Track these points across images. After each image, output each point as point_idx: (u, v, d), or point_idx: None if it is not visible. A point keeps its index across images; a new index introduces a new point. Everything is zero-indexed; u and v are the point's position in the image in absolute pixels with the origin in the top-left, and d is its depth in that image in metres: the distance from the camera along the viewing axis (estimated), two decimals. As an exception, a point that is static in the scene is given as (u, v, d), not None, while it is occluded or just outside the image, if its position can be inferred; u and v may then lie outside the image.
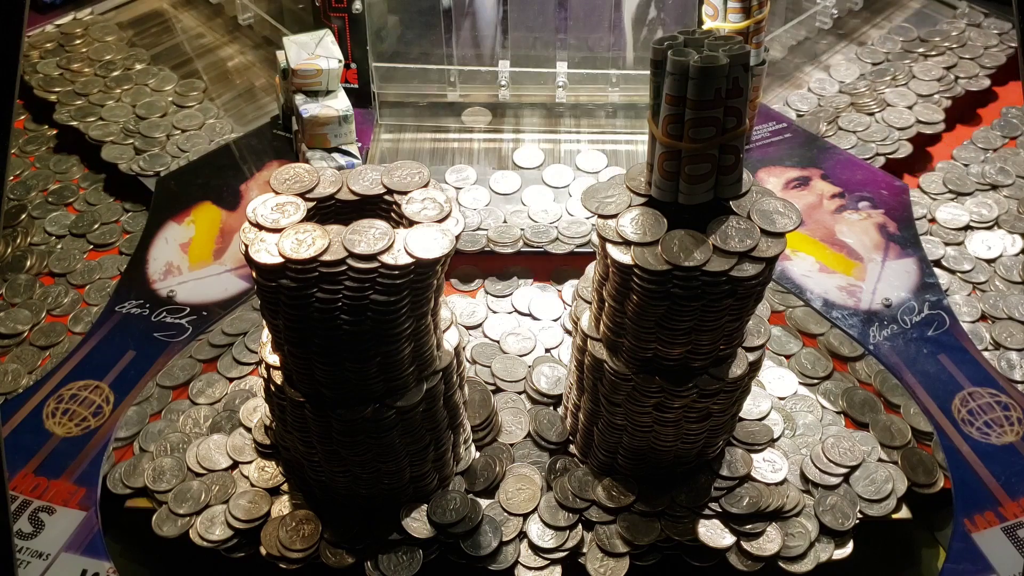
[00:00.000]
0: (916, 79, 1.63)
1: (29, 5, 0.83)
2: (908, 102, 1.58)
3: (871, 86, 1.62)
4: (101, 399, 1.17)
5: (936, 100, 1.58)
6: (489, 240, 1.35)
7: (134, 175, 1.48)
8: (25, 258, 1.39)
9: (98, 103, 1.60)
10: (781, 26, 1.64)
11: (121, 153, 1.51)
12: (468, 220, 1.38)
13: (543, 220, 1.38)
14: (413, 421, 1.00)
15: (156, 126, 1.56)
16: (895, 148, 1.50)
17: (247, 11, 1.72)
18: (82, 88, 1.63)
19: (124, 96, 1.62)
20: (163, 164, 1.49)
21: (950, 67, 1.65)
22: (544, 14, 1.53)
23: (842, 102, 1.59)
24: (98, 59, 1.69)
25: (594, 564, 1.04)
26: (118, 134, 1.54)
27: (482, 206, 1.41)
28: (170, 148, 1.52)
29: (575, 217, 1.38)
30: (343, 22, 1.48)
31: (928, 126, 1.54)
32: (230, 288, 1.30)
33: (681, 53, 0.84)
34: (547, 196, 1.43)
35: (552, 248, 1.35)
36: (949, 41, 1.70)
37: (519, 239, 1.35)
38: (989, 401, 1.16)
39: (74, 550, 1.03)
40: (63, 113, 1.59)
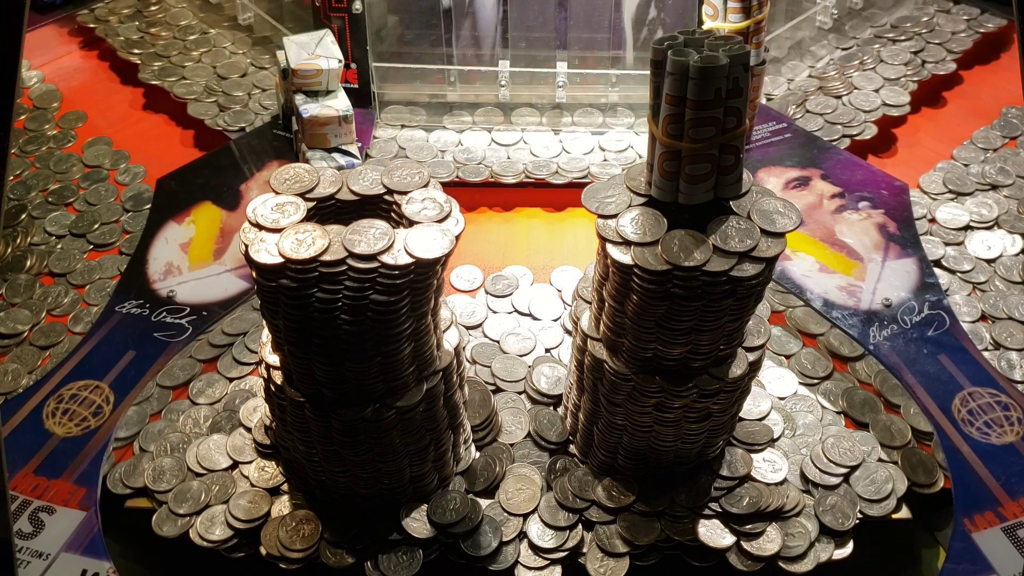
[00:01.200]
0: (884, 63, 1.66)
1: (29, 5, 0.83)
2: (875, 85, 1.61)
3: (840, 70, 1.64)
4: (101, 399, 1.17)
5: (903, 83, 1.61)
6: (492, 173, 1.44)
7: (220, 130, 1.55)
8: (25, 258, 1.39)
9: (179, 64, 1.68)
10: (781, 26, 1.64)
11: (207, 110, 1.59)
12: (472, 154, 1.49)
13: (544, 155, 1.49)
14: (413, 421, 1.00)
15: (237, 85, 1.64)
16: (860, 130, 1.53)
17: (247, 11, 1.72)
18: (163, 50, 1.71)
19: (203, 57, 1.69)
20: (247, 120, 1.57)
21: (917, 52, 1.68)
22: (544, 14, 1.53)
23: (811, 86, 1.62)
24: (175, 23, 1.78)
25: (594, 564, 1.04)
26: (201, 93, 1.61)
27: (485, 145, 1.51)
28: (252, 105, 1.60)
29: (573, 154, 1.49)
30: (343, 22, 1.48)
31: (894, 108, 1.57)
32: (230, 288, 1.30)
33: (681, 53, 0.84)
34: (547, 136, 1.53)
35: (553, 179, 1.44)
36: (918, 27, 1.72)
37: (521, 172, 1.45)
38: (989, 401, 1.16)
39: (74, 550, 1.03)
40: (146, 73, 1.66)
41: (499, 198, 1.46)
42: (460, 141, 1.52)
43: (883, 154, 1.53)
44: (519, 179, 1.45)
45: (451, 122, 1.56)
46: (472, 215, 1.43)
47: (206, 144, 1.55)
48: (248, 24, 1.74)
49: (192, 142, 1.57)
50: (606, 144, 1.51)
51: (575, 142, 1.51)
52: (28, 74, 1.70)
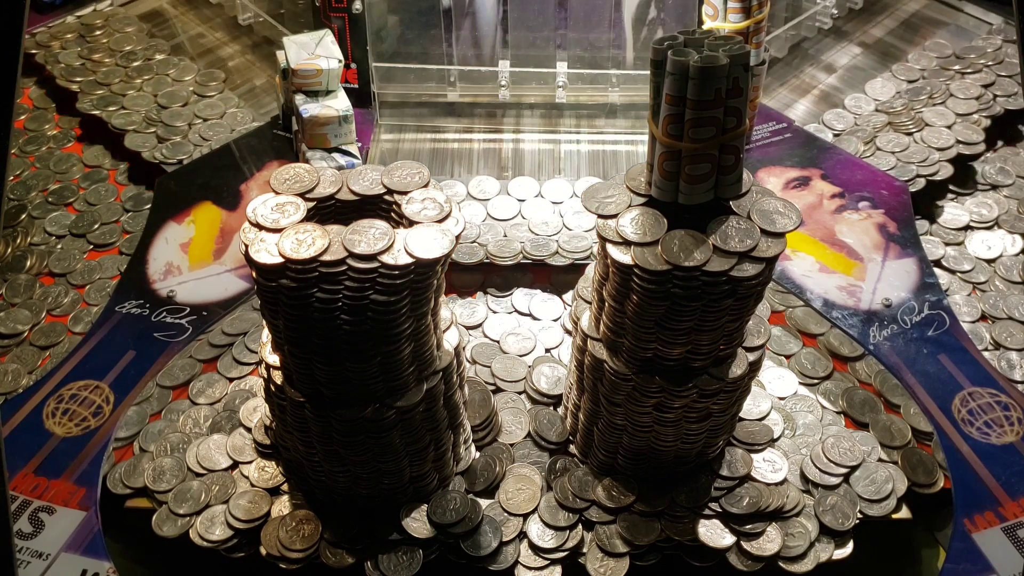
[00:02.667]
0: (953, 97, 1.58)
1: (29, 5, 0.83)
2: (947, 121, 1.53)
3: (908, 105, 1.58)
4: (101, 399, 1.17)
5: (975, 119, 1.54)
6: (488, 254, 1.33)
7: (157, 163, 1.49)
8: (25, 258, 1.39)
9: (120, 92, 1.63)
10: (781, 26, 1.64)
11: (144, 141, 1.54)
12: (466, 232, 1.32)
13: (543, 232, 1.36)
14: (413, 421, 1.00)
15: (178, 115, 1.58)
16: (936, 170, 1.45)
17: (247, 11, 1.72)
18: (104, 78, 1.66)
19: (145, 86, 1.64)
20: (185, 152, 1.51)
21: (988, 85, 1.60)
22: (544, 14, 1.53)
23: (879, 121, 1.56)
24: (119, 49, 1.72)
25: (594, 564, 1.04)
26: (140, 123, 1.57)
27: (480, 221, 1.39)
28: (192, 137, 1.54)
29: (575, 231, 1.37)
30: (343, 22, 1.48)
31: (968, 146, 1.49)
32: (230, 288, 1.30)
33: (681, 53, 0.84)
34: (547, 208, 1.41)
35: (552, 261, 1.33)
36: (985, 58, 1.65)
37: (519, 253, 1.34)
38: (989, 401, 1.16)
39: (74, 550, 1.03)
40: (85, 102, 1.61)
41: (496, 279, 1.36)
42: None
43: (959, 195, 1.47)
44: (516, 260, 1.33)
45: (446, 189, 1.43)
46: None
47: (140, 178, 1.50)
48: (248, 24, 1.74)
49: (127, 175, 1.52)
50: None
51: (576, 218, 1.38)
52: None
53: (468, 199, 1.42)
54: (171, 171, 1.47)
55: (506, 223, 1.39)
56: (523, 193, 1.43)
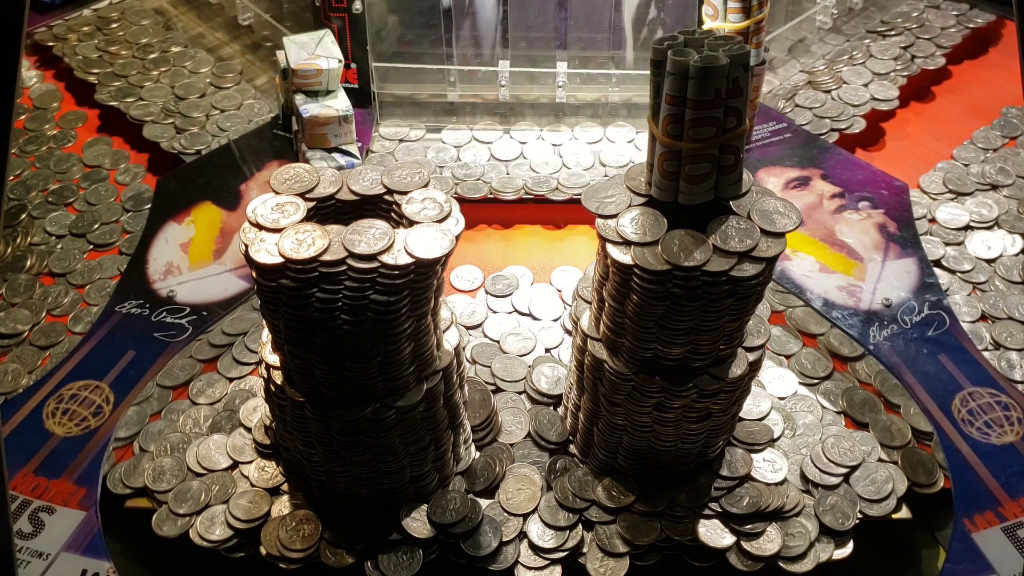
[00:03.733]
0: (873, 58, 1.66)
1: (29, 5, 0.83)
2: (864, 80, 1.61)
3: (829, 65, 1.65)
4: (101, 399, 1.17)
5: (892, 78, 1.61)
6: (492, 189, 1.42)
7: (176, 153, 1.51)
8: (25, 258, 1.39)
9: (137, 84, 1.64)
10: (781, 26, 1.64)
11: (162, 132, 1.55)
12: (470, 171, 1.46)
13: (543, 171, 1.46)
14: (413, 421, 1.00)
15: (195, 106, 1.60)
16: (849, 124, 1.53)
17: (247, 11, 1.72)
18: (121, 70, 1.67)
19: (162, 77, 1.66)
20: (204, 143, 1.53)
21: (907, 47, 1.68)
22: (544, 14, 1.53)
23: (801, 81, 1.63)
24: (135, 42, 1.73)
25: (594, 564, 1.04)
26: (158, 114, 1.58)
27: (484, 161, 1.49)
28: (210, 127, 1.56)
29: (573, 170, 1.47)
30: (343, 22, 1.48)
31: (883, 103, 1.57)
32: (230, 288, 1.30)
33: (681, 53, 0.84)
34: (547, 150, 1.51)
35: (553, 196, 1.42)
36: (908, 22, 1.73)
37: (521, 188, 1.43)
38: (989, 401, 1.16)
39: (74, 550, 1.03)
40: (103, 94, 1.62)
41: (498, 215, 1.45)
42: (459, 157, 1.50)
43: (874, 148, 1.54)
44: (518, 195, 1.43)
45: (449, 136, 1.54)
46: (471, 232, 1.42)
47: (160, 168, 1.52)
48: (248, 24, 1.74)
49: (147, 165, 1.54)
50: (606, 159, 1.49)
51: (575, 157, 1.49)
52: (28, 74, 1.70)
53: (472, 142, 1.53)
54: (172, 171, 1.47)
55: (509, 163, 1.49)
56: (525, 137, 1.54)
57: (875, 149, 1.54)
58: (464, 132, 1.55)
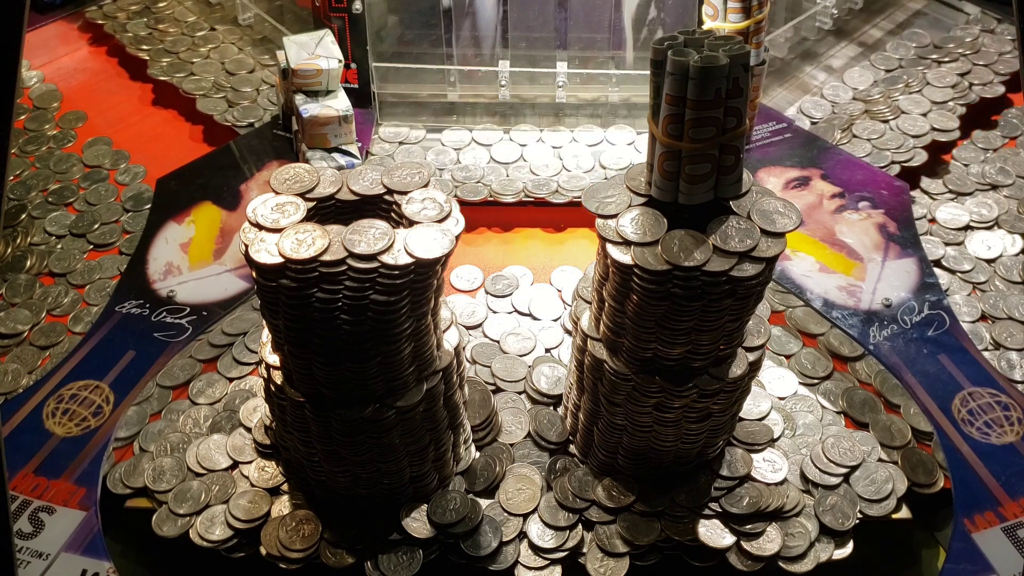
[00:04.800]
0: (930, 86, 1.60)
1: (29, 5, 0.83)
2: (922, 109, 1.56)
3: (885, 93, 1.60)
4: (101, 399, 1.17)
5: (951, 107, 1.56)
6: (492, 192, 1.42)
7: (229, 125, 1.55)
8: (25, 258, 1.39)
9: (187, 60, 1.69)
10: (781, 26, 1.64)
11: (215, 106, 1.59)
12: (470, 173, 1.46)
13: (543, 174, 1.46)
14: (413, 421, 1.00)
15: (246, 81, 1.64)
16: (910, 156, 1.48)
17: (247, 11, 1.72)
18: (171, 46, 1.72)
19: (212, 54, 1.70)
20: (256, 116, 1.57)
21: (964, 74, 1.62)
22: (544, 14, 1.53)
23: (856, 109, 1.58)
24: (183, 20, 1.78)
25: (594, 564, 1.04)
26: (210, 88, 1.62)
27: (484, 163, 1.49)
28: (261, 101, 1.60)
29: (573, 172, 1.46)
30: (343, 22, 1.48)
31: (943, 133, 1.52)
32: (230, 288, 1.30)
33: (681, 53, 0.84)
34: (547, 152, 1.51)
35: (553, 199, 1.42)
36: (963, 47, 1.68)
37: (521, 191, 1.43)
38: (989, 401, 1.16)
39: (74, 550, 1.03)
40: (155, 69, 1.67)
41: (498, 217, 1.44)
42: (458, 159, 1.50)
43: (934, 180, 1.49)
44: (518, 198, 1.42)
45: (449, 139, 1.54)
46: (471, 235, 1.41)
47: (215, 140, 1.56)
48: (248, 24, 1.74)
49: (201, 138, 1.58)
50: (606, 162, 1.48)
51: (575, 160, 1.48)
52: (28, 74, 1.70)
53: (472, 144, 1.52)
54: (172, 171, 1.47)
55: (509, 165, 1.49)
56: (524, 139, 1.54)
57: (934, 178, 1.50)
58: (464, 134, 1.54)
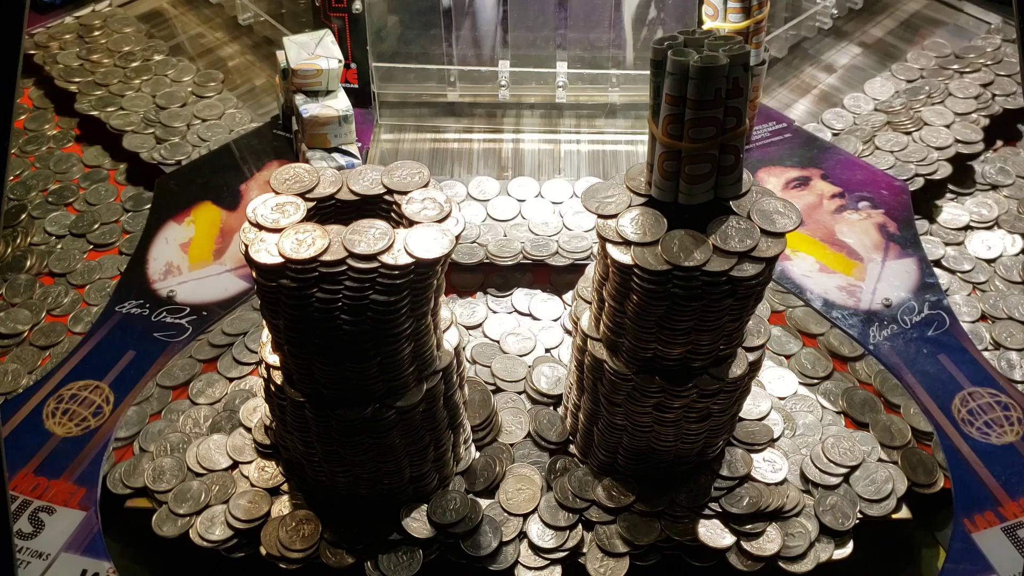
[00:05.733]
0: (952, 97, 1.58)
1: (29, 5, 0.83)
2: (945, 121, 1.53)
3: (907, 104, 1.57)
4: (101, 399, 1.17)
5: (974, 119, 1.53)
6: (488, 254, 1.33)
7: (155, 164, 1.49)
8: (25, 258, 1.39)
9: (118, 93, 1.62)
10: (781, 26, 1.64)
11: (142, 142, 1.53)
12: (466, 232, 1.33)
13: (543, 232, 1.36)
14: (413, 421, 1.00)
15: (176, 116, 1.58)
16: (934, 169, 1.45)
17: (247, 11, 1.72)
18: (102, 78, 1.65)
19: (144, 86, 1.64)
20: (184, 153, 1.51)
21: (986, 84, 1.60)
22: (544, 14, 1.53)
23: (878, 120, 1.55)
24: (117, 50, 1.71)
25: (594, 564, 1.04)
26: (139, 124, 1.56)
27: (480, 221, 1.39)
28: (190, 137, 1.54)
29: (575, 231, 1.37)
30: (343, 22, 1.48)
31: (967, 145, 1.49)
32: (230, 288, 1.30)
33: (681, 53, 0.84)
34: (547, 209, 1.41)
35: (552, 261, 1.33)
36: (984, 58, 1.65)
37: (519, 253, 1.33)
38: (989, 401, 1.16)
39: (74, 550, 1.03)
40: (84, 103, 1.60)
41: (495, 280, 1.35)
42: None
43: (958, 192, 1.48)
44: (516, 260, 1.33)
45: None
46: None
47: (139, 179, 1.51)
48: (248, 24, 1.74)
49: (124, 176, 1.52)
50: None
51: (576, 218, 1.37)
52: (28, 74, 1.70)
53: (468, 199, 1.42)
54: (171, 171, 1.47)
55: (506, 223, 1.39)
56: (523, 194, 1.43)
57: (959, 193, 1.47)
58: (459, 188, 1.44)
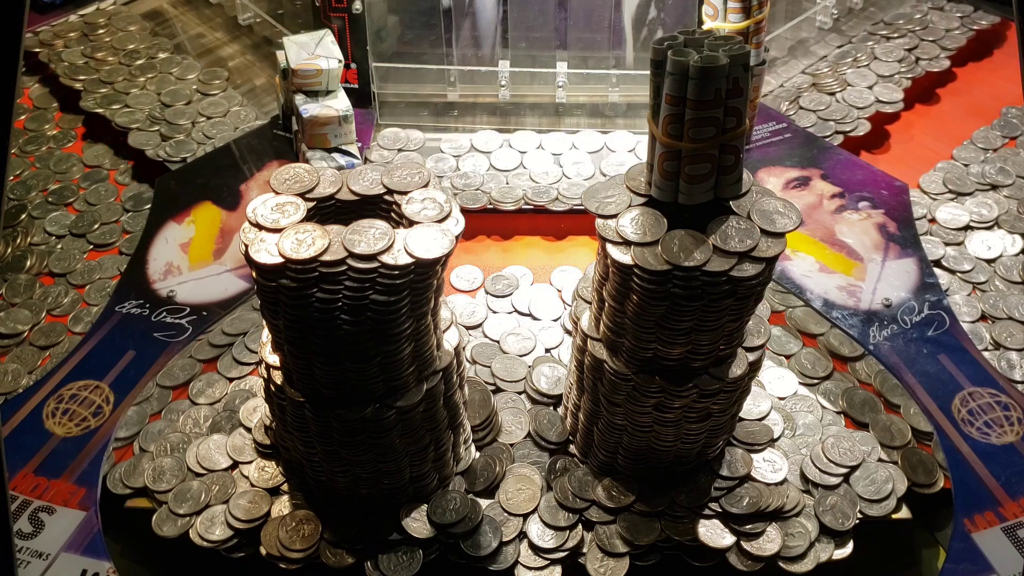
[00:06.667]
0: (878, 60, 1.65)
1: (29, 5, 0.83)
2: (869, 82, 1.61)
3: (833, 67, 1.64)
4: (101, 399, 1.17)
5: (896, 80, 1.61)
6: (491, 199, 1.41)
7: (160, 161, 1.50)
8: (25, 258, 1.39)
9: (123, 91, 1.63)
10: (781, 26, 1.64)
11: (148, 140, 1.54)
12: (469, 180, 1.45)
13: (543, 181, 1.45)
14: (413, 421, 1.00)
15: (181, 113, 1.59)
16: (854, 127, 1.53)
17: (247, 11, 1.72)
18: (107, 76, 1.66)
19: (149, 84, 1.65)
20: (189, 151, 1.51)
21: (911, 49, 1.68)
22: (544, 14, 1.53)
23: (805, 83, 1.63)
24: (122, 48, 1.72)
25: (594, 564, 1.04)
26: (144, 121, 1.57)
27: (483, 171, 1.48)
28: (195, 135, 1.55)
29: (573, 180, 1.45)
30: (343, 22, 1.48)
31: (887, 105, 1.57)
32: (230, 288, 1.30)
33: (681, 53, 0.84)
34: (547, 159, 1.49)
35: (553, 206, 1.41)
36: (912, 24, 1.73)
37: (521, 199, 1.41)
38: (989, 401, 1.16)
39: (74, 550, 1.03)
40: (89, 100, 1.61)
41: (498, 225, 1.43)
42: (458, 166, 1.48)
43: (878, 151, 1.54)
44: (518, 205, 1.41)
45: (448, 146, 1.52)
46: (470, 243, 1.40)
47: (144, 175, 1.51)
48: (248, 24, 1.74)
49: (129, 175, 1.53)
50: (607, 168, 1.47)
51: (575, 167, 1.47)
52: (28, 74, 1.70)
53: (472, 151, 1.51)
54: (171, 171, 1.47)
55: (508, 173, 1.48)
56: (524, 146, 1.52)
57: (878, 151, 1.54)
58: (463, 140, 1.53)
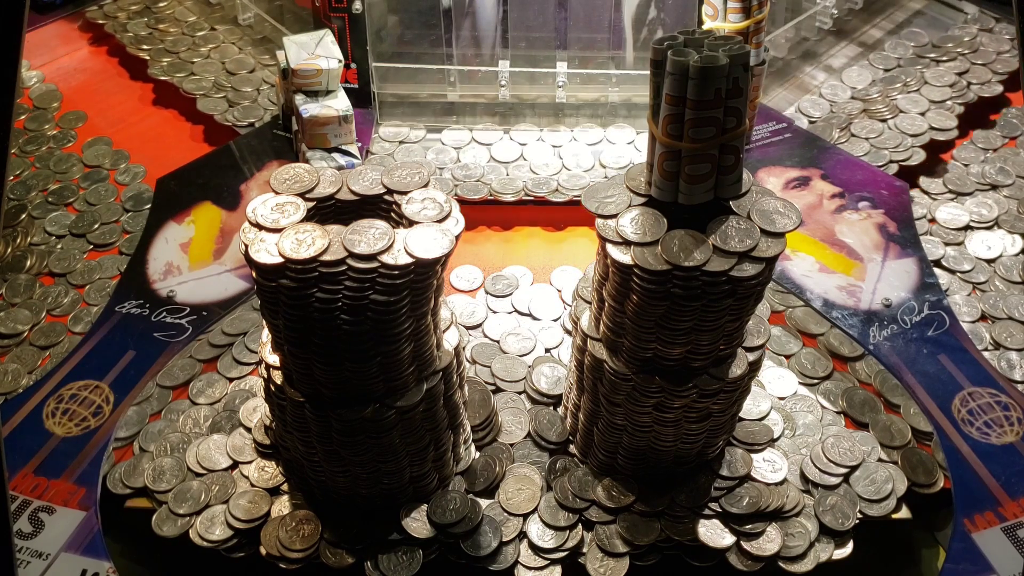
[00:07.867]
0: (928, 85, 1.61)
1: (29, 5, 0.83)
2: (921, 108, 1.56)
3: (883, 92, 1.60)
4: (101, 399, 1.17)
5: (949, 106, 1.57)
6: (492, 191, 1.42)
7: (229, 125, 1.56)
8: (25, 258, 1.39)
9: (188, 60, 1.69)
10: (781, 26, 1.64)
11: (216, 106, 1.60)
12: (470, 172, 1.47)
13: (543, 173, 1.46)
14: (413, 421, 1.00)
15: (246, 80, 1.65)
16: (908, 155, 1.48)
17: (247, 11, 1.73)
18: (171, 46, 1.73)
19: (212, 54, 1.71)
20: (256, 116, 1.57)
21: (962, 73, 1.63)
22: (544, 14, 1.53)
23: (854, 108, 1.58)
24: (183, 20, 1.79)
25: (594, 564, 1.04)
26: (210, 88, 1.63)
27: (484, 162, 1.50)
28: (261, 101, 1.61)
29: (573, 171, 1.47)
30: (343, 22, 1.48)
31: (941, 132, 1.52)
32: (230, 288, 1.30)
33: (681, 53, 0.84)
34: (547, 151, 1.51)
35: (553, 197, 1.42)
36: (961, 47, 1.68)
37: (521, 190, 1.43)
38: (989, 401, 1.16)
39: (74, 550, 1.03)
40: (156, 68, 1.68)
41: (498, 216, 1.44)
42: (458, 158, 1.50)
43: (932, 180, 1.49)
44: (519, 197, 1.42)
45: (449, 138, 1.54)
46: (471, 234, 1.41)
47: (215, 139, 1.55)
48: (248, 24, 1.74)
49: (202, 138, 1.58)
50: (606, 161, 1.49)
51: (575, 159, 1.49)
52: (28, 74, 1.70)
53: (473, 143, 1.53)
54: (171, 171, 1.47)
55: (509, 164, 1.49)
56: (525, 139, 1.54)
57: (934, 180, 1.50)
58: (464, 133, 1.54)
